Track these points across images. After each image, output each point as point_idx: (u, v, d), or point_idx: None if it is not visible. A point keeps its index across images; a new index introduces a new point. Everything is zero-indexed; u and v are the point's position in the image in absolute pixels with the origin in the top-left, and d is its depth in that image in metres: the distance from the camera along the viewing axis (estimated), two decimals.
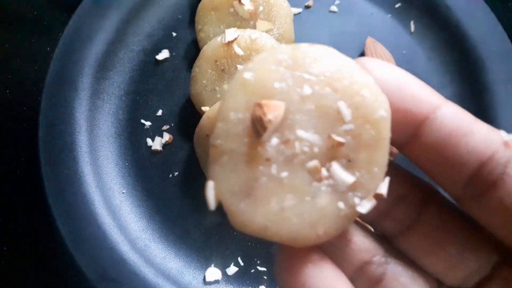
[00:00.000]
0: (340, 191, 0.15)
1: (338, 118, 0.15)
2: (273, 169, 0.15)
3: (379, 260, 0.17)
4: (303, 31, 0.40)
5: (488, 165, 0.15)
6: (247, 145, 0.15)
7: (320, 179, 0.15)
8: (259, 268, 0.35)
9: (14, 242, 0.36)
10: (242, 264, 0.35)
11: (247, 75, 0.15)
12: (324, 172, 0.15)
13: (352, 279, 0.17)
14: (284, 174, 0.15)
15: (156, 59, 0.40)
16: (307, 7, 0.42)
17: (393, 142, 0.16)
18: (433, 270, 0.17)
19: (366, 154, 0.15)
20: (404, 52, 0.40)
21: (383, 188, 0.15)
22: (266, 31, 0.36)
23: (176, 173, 0.37)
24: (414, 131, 0.16)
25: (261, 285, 0.35)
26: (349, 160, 0.15)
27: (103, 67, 0.38)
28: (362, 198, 0.15)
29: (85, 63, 0.38)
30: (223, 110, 0.16)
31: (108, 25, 0.39)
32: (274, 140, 0.15)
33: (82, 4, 0.39)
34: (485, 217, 0.16)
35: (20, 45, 0.42)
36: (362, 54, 0.40)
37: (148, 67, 0.40)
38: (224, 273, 0.35)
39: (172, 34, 0.41)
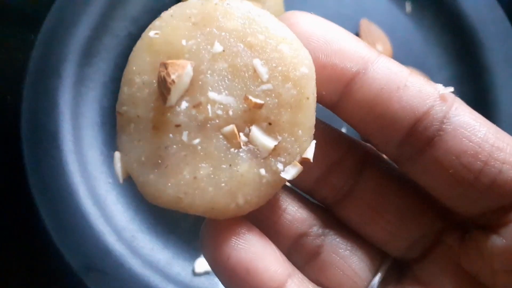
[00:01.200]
0: (262, 157, 0.14)
1: (255, 77, 0.14)
2: (184, 136, 0.14)
3: (316, 231, 0.16)
4: None
5: (424, 121, 0.14)
6: (155, 110, 0.14)
7: (238, 145, 0.14)
8: None
9: None
10: None
11: (152, 33, 0.14)
12: (242, 137, 0.14)
13: (288, 254, 0.16)
14: (197, 141, 0.14)
15: None
16: None
17: (322, 101, 0.15)
18: (374, 240, 0.16)
19: (289, 116, 0.14)
20: (400, 33, 0.39)
21: (309, 152, 0.14)
22: None
23: None
24: (344, 88, 0.14)
25: None
26: (269, 123, 0.14)
27: (88, 54, 0.37)
28: (286, 164, 0.14)
29: (69, 49, 0.36)
30: (127, 73, 0.14)
31: (92, 10, 0.38)
32: (184, 104, 0.14)
33: None
34: (423, 178, 0.15)
35: (4, 34, 0.41)
36: (357, 35, 0.38)
37: None
38: None
39: None
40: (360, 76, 0.14)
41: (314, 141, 0.14)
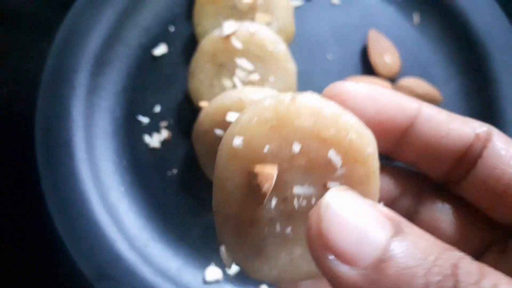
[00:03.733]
0: None
1: (330, 165, 0.16)
2: (278, 228, 0.16)
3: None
4: (304, 24, 0.39)
5: (465, 156, 0.17)
6: (249, 208, 0.16)
7: None
8: None
9: (12, 240, 0.36)
10: None
11: (236, 142, 0.16)
12: None
13: None
14: (288, 230, 0.16)
15: (153, 55, 0.39)
16: None
17: (381, 152, 0.17)
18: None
19: (360, 190, 0.15)
20: (408, 44, 0.39)
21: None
22: (266, 24, 0.35)
23: (175, 171, 0.36)
24: (398, 140, 0.17)
25: (263, 284, 0.34)
26: None
27: (100, 63, 0.38)
28: None
29: (82, 59, 0.37)
30: (218, 180, 0.16)
31: (105, 20, 0.38)
32: (273, 201, 0.16)
33: None
34: (472, 196, 0.17)
35: (17, 42, 0.41)
36: (365, 46, 0.39)
37: (145, 62, 0.39)
38: (225, 272, 0.34)
39: (169, 29, 0.40)
40: (412, 127, 0.17)
41: (382, 203, 0.15)
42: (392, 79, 0.37)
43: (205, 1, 0.37)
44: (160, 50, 0.39)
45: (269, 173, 0.15)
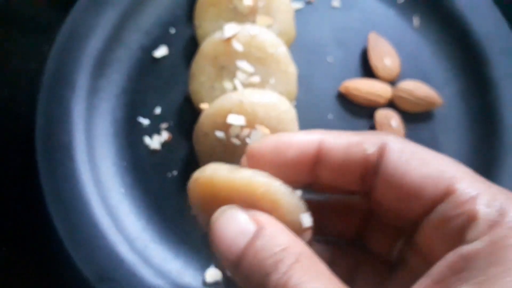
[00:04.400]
0: None
1: None
2: None
3: None
4: (304, 27, 0.40)
5: (365, 175, 0.19)
6: None
7: None
8: None
9: (12, 242, 0.36)
10: None
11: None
12: None
13: None
14: None
15: (154, 56, 0.39)
16: (309, 2, 0.41)
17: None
18: None
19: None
20: (408, 47, 0.39)
21: (306, 221, 0.19)
22: (266, 27, 0.35)
23: (175, 173, 0.36)
24: (313, 171, 0.20)
25: None
26: None
27: (100, 65, 0.38)
28: None
29: (82, 60, 0.37)
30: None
31: (105, 22, 0.38)
32: None
33: (79, 1, 0.39)
34: (384, 206, 0.20)
35: (17, 44, 0.41)
36: (365, 49, 0.39)
37: (146, 64, 0.39)
38: (225, 274, 0.34)
39: (170, 31, 0.40)
40: (320, 159, 0.20)
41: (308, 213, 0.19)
42: (392, 82, 0.38)
43: (206, 4, 0.37)
44: (161, 52, 0.39)
45: None
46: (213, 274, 0.34)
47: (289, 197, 0.18)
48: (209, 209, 0.19)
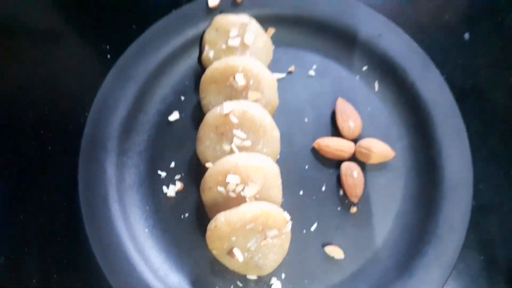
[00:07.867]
0: None
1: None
2: None
3: None
4: (286, 94, 0.49)
5: None
6: None
7: None
8: None
9: (61, 273, 0.45)
10: (240, 285, 0.44)
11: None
12: None
13: None
14: None
15: (168, 120, 0.49)
16: (290, 72, 0.51)
17: None
18: None
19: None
20: (369, 108, 0.49)
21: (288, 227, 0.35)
22: (256, 100, 0.45)
23: (187, 215, 0.46)
24: None
25: None
26: None
27: (126, 130, 0.48)
28: None
29: (112, 127, 0.47)
30: None
31: (128, 94, 0.48)
32: None
33: (107, 78, 0.49)
34: None
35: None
36: (334, 112, 0.48)
37: (162, 127, 0.49)
38: None
39: (181, 98, 0.50)
40: None
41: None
42: (355, 140, 0.47)
43: (209, 81, 0.47)
44: (174, 116, 0.49)
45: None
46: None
47: (278, 210, 0.36)
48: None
